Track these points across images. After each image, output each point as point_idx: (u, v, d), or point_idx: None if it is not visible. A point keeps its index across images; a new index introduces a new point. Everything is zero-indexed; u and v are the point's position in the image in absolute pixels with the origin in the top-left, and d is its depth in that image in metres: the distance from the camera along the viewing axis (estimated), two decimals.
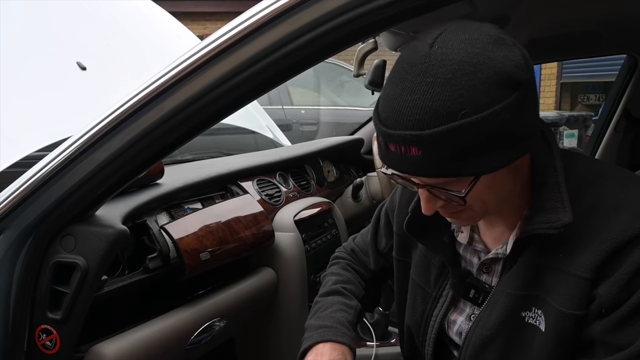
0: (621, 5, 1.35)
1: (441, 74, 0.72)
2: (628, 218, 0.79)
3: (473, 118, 0.71)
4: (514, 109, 0.73)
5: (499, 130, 0.72)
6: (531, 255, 0.86)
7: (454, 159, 0.73)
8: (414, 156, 0.74)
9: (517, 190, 0.87)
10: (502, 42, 0.74)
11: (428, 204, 0.84)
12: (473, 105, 0.71)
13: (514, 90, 0.73)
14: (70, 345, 1.07)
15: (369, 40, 1.65)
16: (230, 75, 0.87)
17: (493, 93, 0.71)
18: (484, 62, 0.72)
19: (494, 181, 0.80)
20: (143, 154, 0.96)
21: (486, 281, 0.94)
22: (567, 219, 0.80)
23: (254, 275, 1.62)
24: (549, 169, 0.85)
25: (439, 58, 0.73)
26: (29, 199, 1.02)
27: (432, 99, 0.71)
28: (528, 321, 0.86)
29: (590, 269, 0.79)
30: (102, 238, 1.04)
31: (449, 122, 0.71)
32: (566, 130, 7.21)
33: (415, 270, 1.06)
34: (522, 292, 0.86)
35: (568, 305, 0.81)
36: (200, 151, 2.25)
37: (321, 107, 6.44)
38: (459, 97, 0.71)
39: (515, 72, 0.73)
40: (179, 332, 1.33)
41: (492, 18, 1.26)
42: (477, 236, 0.97)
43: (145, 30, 2.35)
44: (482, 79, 0.71)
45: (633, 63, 2.24)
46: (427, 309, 1.03)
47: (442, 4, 0.81)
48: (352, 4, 0.80)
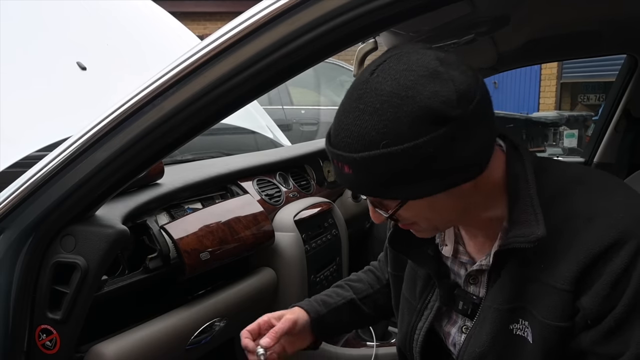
0: (621, 5, 1.35)
1: (372, 102, 0.75)
2: (603, 228, 0.79)
3: (393, 149, 0.73)
4: (439, 144, 0.73)
5: (420, 162, 0.74)
6: (513, 267, 0.86)
7: (377, 183, 0.78)
8: (347, 174, 0.79)
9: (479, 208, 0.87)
10: (437, 77, 0.74)
11: (374, 215, 0.89)
12: (395, 137, 0.73)
13: (440, 126, 0.73)
14: (70, 345, 1.07)
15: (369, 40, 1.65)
16: (230, 75, 0.87)
17: (416, 127, 0.73)
18: (411, 96, 0.73)
19: (431, 205, 0.81)
20: (143, 154, 0.96)
21: (474, 292, 0.94)
22: (540, 232, 0.80)
23: (254, 275, 1.62)
24: (521, 181, 0.85)
25: (373, 87, 0.76)
26: (29, 199, 1.02)
27: (360, 126, 0.75)
28: (517, 333, 0.86)
29: (570, 280, 0.79)
30: (102, 238, 1.04)
31: (371, 150, 0.74)
32: (566, 130, 7.22)
33: (405, 285, 1.07)
34: (509, 305, 0.86)
35: (551, 317, 0.81)
36: (200, 151, 2.25)
37: (321, 107, 6.43)
38: (383, 128, 0.73)
39: (442, 108, 0.73)
40: (179, 332, 1.33)
41: (492, 18, 1.26)
42: (461, 248, 0.97)
43: (145, 30, 2.35)
44: (406, 112, 0.73)
45: (633, 63, 2.24)
46: (412, 322, 1.03)
47: (442, 4, 0.81)
48: (352, 4, 0.79)
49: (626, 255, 0.77)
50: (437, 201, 0.81)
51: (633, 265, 0.77)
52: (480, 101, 0.76)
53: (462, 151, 0.75)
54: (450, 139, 0.74)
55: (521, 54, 1.85)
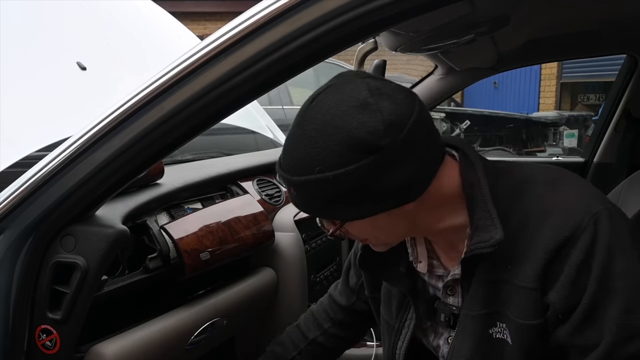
0: (622, 6, 1.36)
1: (308, 130, 0.80)
2: (556, 223, 0.81)
3: (325, 175, 0.78)
4: (369, 172, 0.77)
5: (352, 188, 0.78)
6: (483, 272, 0.87)
7: (314, 205, 0.84)
8: (293, 195, 0.85)
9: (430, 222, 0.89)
10: (366, 107, 0.78)
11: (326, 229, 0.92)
12: (326, 164, 0.78)
13: (369, 155, 0.77)
14: (70, 345, 1.07)
15: (369, 40, 1.65)
16: (230, 76, 0.87)
17: (346, 155, 0.77)
18: (341, 126, 0.77)
19: (374, 223, 0.85)
20: (143, 154, 0.96)
21: (453, 303, 0.96)
22: (498, 236, 0.82)
23: (254, 275, 1.62)
24: (476, 188, 0.87)
25: (311, 116, 0.81)
26: (29, 199, 1.02)
27: (299, 151, 0.81)
28: (496, 337, 0.87)
29: (534, 278, 0.82)
30: (102, 238, 1.04)
31: (307, 174, 0.80)
32: (566, 130, 7.22)
33: (382, 306, 1.08)
34: (484, 310, 0.87)
35: (524, 316, 0.83)
36: (200, 151, 2.25)
37: None
38: (317, 155, 0.79)
39: (369, 138, 0.76)
40: (179, 332, 1.33)
41: (492, 18, 1.26)
42: (435, 262, 0.98)
43: (145, 30, 2.35)
44: (337, 141, 0.77)
45: (633, 63, 2.24)
46: (391, 342, 1.04)
47: (442, 4, 0.81)
48: (352, 4, 0.79)
49: (583, 247, 0.79)
50: (378, 221, 0.84)
51: (591, 255, 0.79)
52: (412, 129, 0.79)
53: (393, 177, 0.79)
54: (379, 166, 0.78)
55: (521, 54, 1.86)
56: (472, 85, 2.30)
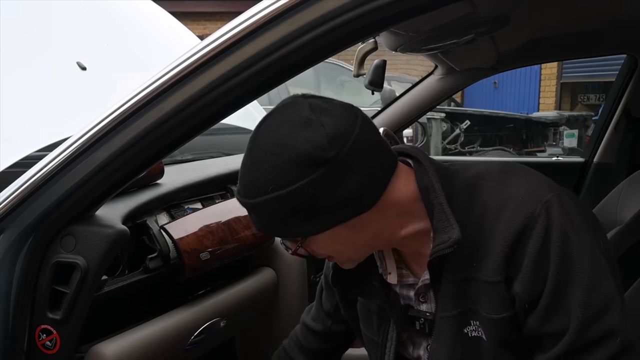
0: (621, 5, 1.36)
1: (257, 153, 0.83)
2: (510, 213, 0.83)
3: (279, 193, 0.80)
4: (319, 185, 0.80)
5: (305, 203, 0.81)
6: (450, 273, 0.89)
7: (273, 224, 0.85)
8: (253, 217, 0.87)
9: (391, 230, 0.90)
10: (309, 124, 0.81)
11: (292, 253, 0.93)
12: (279, 182, 0.80)
13: (317, 168, 0.79)
14: (70, 345, 1.07)
15: (369, 40, 1.65)
16: (230, 75, 0.87)
17: (295, 171, 0.80)
18: (287, 144, 0.80)
19: (334, 239, 0.86)
20: (143, 154, 0.96)
21: (427, 310, 0.96)
22: (455, 235, 0.84)
23: (254, 275, 1.63)
24: (431, 192, 0.89)
25: (259, 139, 0.84)
26: (29, 199, 1.02)
27: (252, 174, 0.83)
28: (472, 335, 0.88)
29: (497, 272, 0.83)
30: (102, 238, 1.04)
31: (261, 195, 0.81)
32: (566, 130, 7.22)
33: (362, 323, 1.08)
34: (457, 310, 0.88)
35: (493, 310, 0.84)
36: (200, 151, 2.25)
37: None
38: (269, 175, 0.81)
39: (315, 152, 0.79)
40: (179, 332, 1.33)
41: (492, 18, 1.26)
42: (405, 271, 0.99)
43: (145, 30, 2.35)
44: (285, 159, 0.80)
45: (633, 63, 2.24)
46: (378, 358, 1.04)
47: (442, 4, 0.81)
48: (352, 4, 0.79)
49: (538, 235, 0.81)
50: (339, 235, 0.85)
51: (547, 243, 0.80)
52: (356, 141, 0.81)
53: (343, 189, 0.81)
54: (328, 179, 0.80)
55: (521, 54, 1.86)
56: (472, 85, 2.30)
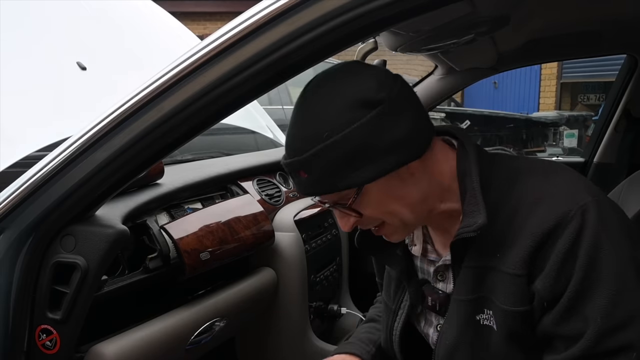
0: (622, 5, 1.35)
1: (306, 111, 0.86)
2: (545, 211, 0.82)
3: (335, 137, 0.81)
4: (373, 126, 0.82)
5: (359, 146, 0.82)
6: (472, 259, 0.89)
7: (330, 176, 0.84)
8: (304, 178, 0.86)
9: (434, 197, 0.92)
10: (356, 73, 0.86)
11: (342, 221, 0.92)
12: (333, 127, 0.82)
13: (370, 109, 0.82)
14: (70, 345, 1.07)
15: (369, 40, 1.65)
16: (230, 75, 0.87)
17: (348, 115, 0.82)
18: (336, 92, 0.84)
19: (387, 192, 0.87)
20: (143, 154, 0.96)
21: (442, 288, 0.98)
22: (481, 221, 0.85)
23: (254, 275, 1.63)
24: (467, 176, 0.90)
25: (305, 100, 0.87)
26: (29, 199, 1.02)
27: (302, 130, 0.85)
28: (483, 323, 0.89)
29: (521, 265, 0.83)
30: (102, 238, 1.04)
31: (316, 145, 0.82)
32: (566, 130, 7.22)
33: (383, 289, 1.11)
34: (472, 296, 0.89)
35: (510, 303, 0.84)
36: (200, 151, 2.25)
37: None
38: (322, 123, 0.83)
39: (366, 94, 0.83)
40: (179, 332, 1.33)
41: (492, 18, 1.26)
42: (429, 246, 1.01)
43: (145, 30, 2.35)
44: (338, 104, 0.83)
45: (633, 63, 2.24)
46: (389, 323, 1.06)
47: (442, 4, 0.81)
48: (352, 4, 0.79)
49: (569, 235, 0.80)
50: (390, 188, 0.86)
51: (577, 245, 0.80)
52: (401, 88, 0.86)
53: (395, 129, 0.83)
54: (381, 119, 0.82)
55: (521, 54, 1.86)
56: (472, 85, 2.30)
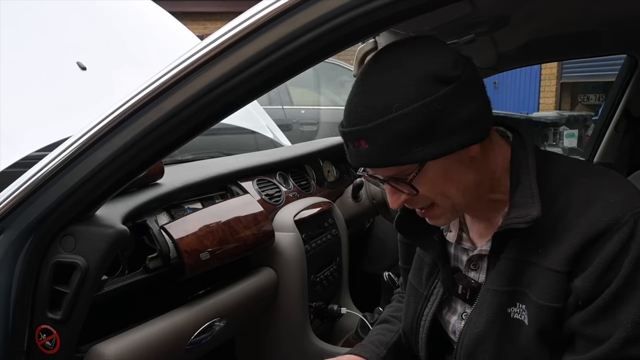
0: (622, 5, 1.35)
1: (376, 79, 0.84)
2: (598, 212, 0.82)
3: (405, 110, 0.80)
4: (445, 102, 0.81)
5: (430, 121, 0.81)
6: (512, 251, 0.90)
7: (394, 148, 0.83)
8: (363, 149, 0.85)
9: (486, 185, 0.92)
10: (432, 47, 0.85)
11: (392, 197, 0.91)
12: (405, 99, 0.81)
13: (444, 85, 0.81)
14: (70, 345, 1.07)
15: (369, 40, 1.65)
16: (230, 75, 0.87)
17: (422, 88, 0.81)
18: (409, 63, 0.82)
19: (446, 172, 0.87)
20: (143, 154, 0.96)
21: (474, 278, 0.98)
22: (535, 213, 0.84)
23: (254, 275, 1.62)
24: (523, 168, 0.90)
25: (373, 68, 0.86)
26: (29, 199, 1.02)
27: (371, 99, 0.83)
28: (514, 317, 0.89)
29: (564, 262, 0.83)
30: (102, 238, 1.04)
31: (385, 115, 0.81)
32: (566, 130, 7.22)
33: (412, 273, 1.10)
34: (507, 288, 0.89)
35: (546, 298, 0.84)
36: (200, 151, 2.25)
37: (321, 107, 6.43)
38: (393, 93, 0.81)
39: (441, 69, 0.82)
40: (179, 332, 1.33)
41: (492, 18, 1.26)
42: (465, 234, 1.01)
43: (145, 30, 2.35)
44: (413, 76, 0.81)
45: (633, 63, 2.24)
46: (418, 309, 1.06)
47: (442, 4, 0.81)
48: (352, 4, 0.79)
49: (619, 240, 0.80)
50: (450, 168, 0.86)
51: (625, 251, 0.80)
52: (473, 68, 0.85)
53: (464, 109, 0.82)
54: (453, 97, 0.81)
55: (521, 54, 1.85)
56: None
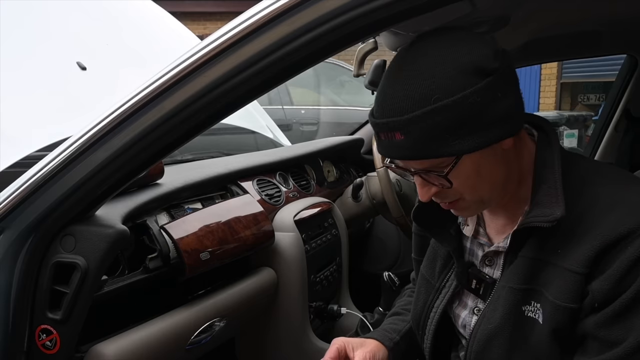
0: (621, 5, 1.35)
1: (415, 68, 0.82)
2: (621, 215, 0.81)
3: (444, 102, 0.79)
4: (484, 94, 0.80)
5: (470, 113, 0.80)
6: (530, 250, 0.89)
7: (431, 141, 0.81)
8: (398, 141, 0.83)
9: (513, 181, 0.92)
10: (471, 38, 0.84)
11: (422, 190, 0.90)
12: (444, 91, 0.79)
13: (484, 77, 0.80)
14: (70, 345, 1.07)
15: (369, 40, 1.65)
16: (231, 75, 0.87)
17: (462, 80, 0.79)
18: (452, 54, 0.81)
19: (480, 166, 0.86)
20: (143, 154, 0.96)
21: (488, 273, 0.97)
22: (559, 213, 0.84)
23: (254, 275, 1.62)
24: (548, 167, 0.89)
25: (412, 56, 0.84)
26: (29, 199, 1.02)
27: (409, 89, 0.81)
28: (528, 315, 0.88)
29: (584, 263, 0.82)
30: (102, 238, 1.04)
31: (423, 107, 0.80)
32: (566, 130, 7.21)
33: (424, 264, 1.09)
34: (523, 285, 0.88)
35: (563, 298, 0.84)
36: (200, 151, 2.25)
37: (321, 107, 6.44)
38: (432, 84, 0.80)
39: (482, 61, 0.81)
40: (179, 332, 1.33)
41: (492, 18, 1.26)
42: (482, 229, 1.00)
43: (145, 30, 2.35)
44: (451, 67, 0.80)
45: (633, 63, 2.24)
46: (428, 300, 1.05)
47: (442, 4, 0.81)
48: (352, 4, 0.79)
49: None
50: (484, 162, 0.85)
51: None
52: (510, 61, 0.84)
53: (502, 101, 0.82)
54: (492, 89, 0.80)
55: (521, 54, 1.85)
56: None
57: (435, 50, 0.82)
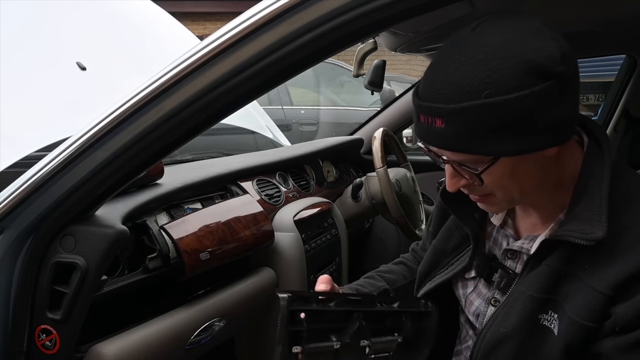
0: (621, 5, 1.35)
1: (474, 54, 0.75)
2: None
3: (495, 99, 0.73)
4: (540, 99, 0.74)
5: (519, 115, 0.74)
6: (557, 260, 0.84)
7: (473, 136, 0.76)
8: (438, 128, 0.78)
9: (550, 187, 0.87)
10: (542, 34, 0.76)
11: (451, 180, 0.86)
12: (498, 87, 0.73)
13: (544, 80, 0.74)
14: (70, 345, 1.07)
15: (369, 40, 1.65)
16: (231, 75, 0.87)
17: (520, 79, 0.73)
18: (517, 48, 0.74)
19: (516, 169, 0.81)
20: (143, 154, 0.96)
21: (510, 267, 0.94)
22: (601, 233, 0.78)
23: (254, 275, 1.62)
24: (596, 180, 0.83)
25: (476, 40, 0.77)
26: (29, 199, 1.02)
27: (461, 77, 0.75)
28: (543, 323, 0.85)
29: (611, 286, 0.78)
30: (102, 238, 1.04)
31: (472, 100, 0.74)
32: None
33: (439, 237, 1.06)
34: (543, 295, 0.85)
35: (582, 315, 0.80)
36: (200, 151, 2.25)
37: (321, 107, 6.44)
38: (486, 78, 0.74)
39: (548, 63, 0.74)
40: (179, 332, 1.33)
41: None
42: (510, 221, 0.96)
43: (145, 30, 2.35)
44: (512, 63, 0.73)
45: (632, 63, 2.24)
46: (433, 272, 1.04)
47: (442, 4, 0.81)
48: (352, 4, 0.79)
49: None
50: (521, 166, 0.81)
51: None
52: (576, 68, 0.78)
53: (558, 110, 0.76)
54: (550, 95, 0.74)
55: None
56: None
57: (502, 39, 0.75)
